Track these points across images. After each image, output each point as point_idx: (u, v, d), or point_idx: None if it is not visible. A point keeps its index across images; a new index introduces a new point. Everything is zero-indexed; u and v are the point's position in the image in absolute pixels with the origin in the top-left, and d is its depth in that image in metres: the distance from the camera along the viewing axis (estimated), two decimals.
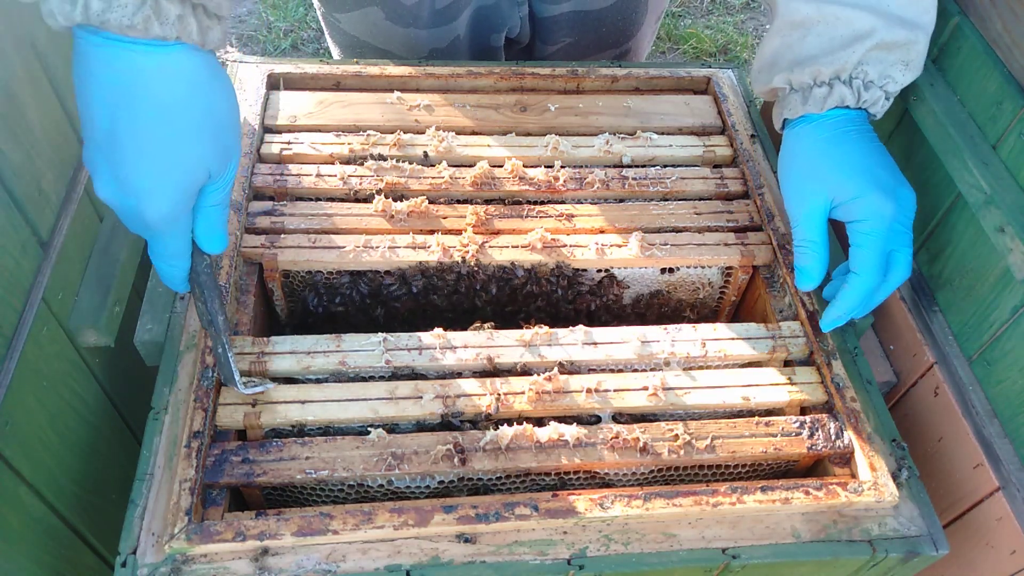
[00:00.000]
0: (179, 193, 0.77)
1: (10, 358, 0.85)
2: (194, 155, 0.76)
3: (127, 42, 0.71)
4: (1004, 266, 0.95)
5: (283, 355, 0.94)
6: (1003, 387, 0.98)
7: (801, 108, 1.01)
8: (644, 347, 0.97)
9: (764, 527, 0.87)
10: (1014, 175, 0.95)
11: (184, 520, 0.80)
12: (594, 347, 0.97)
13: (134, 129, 0.73)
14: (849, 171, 0.96)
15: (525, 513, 0.83)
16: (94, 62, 0.71)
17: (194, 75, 0.75)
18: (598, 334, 0.98)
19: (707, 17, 3.50)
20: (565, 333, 0.97)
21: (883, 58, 0.96)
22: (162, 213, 0.77)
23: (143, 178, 0.75)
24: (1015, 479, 0.95)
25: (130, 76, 0.72)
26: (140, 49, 0.72)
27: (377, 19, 1.35)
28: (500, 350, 0.96)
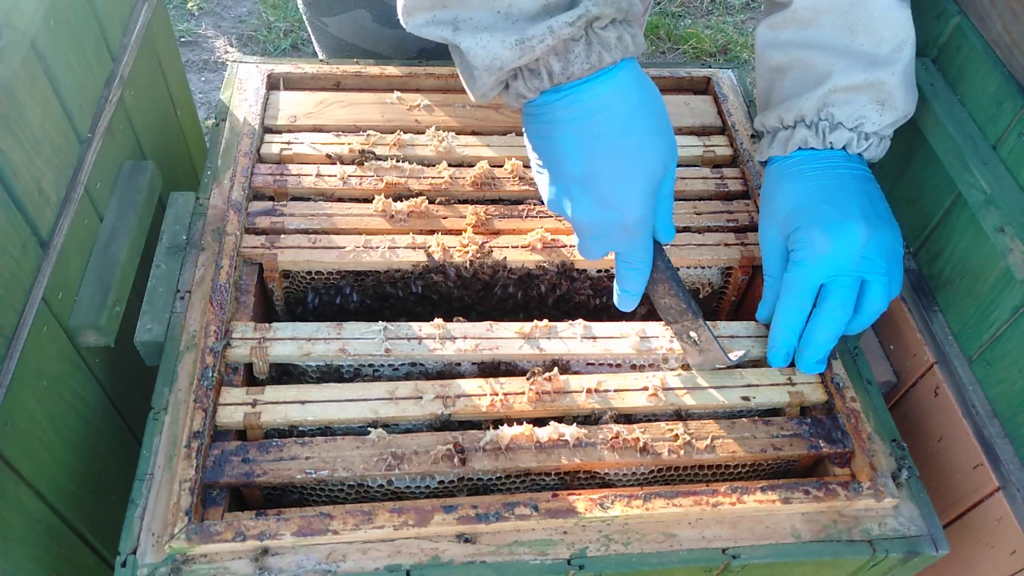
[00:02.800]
0: (650, 193, 0.85)
1: (10, 358, 0.85)
2: (656, 155, 0.85)
3: (582, 83, 0.81)
4: (1004, 266, 0.95)
5: (284, 341, 0.93)
6: (1003, 387, 0.98)
7: (767, 150, 1.04)
8: (643, 342, 0.97)
9: (764, 527, 0.87)
10: (1014, 175, 0.95)
11: (184, 520, 0.80)
12: (593, 341, 0.97)
13: (608, 153, 0.82)
14: (792, 205, 0.96)
15: (525, 513, 0.83)
16: (559, 112, 0.82)
17: (638, 83, 0.84)
18: (597, 328, 0.98)
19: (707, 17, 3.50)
20: (564, 327, 0.97)
21: (851, 99, 0.96)
22: (640, 215, 0.85)
23: (622, 190, 0.84)
24: (1015, 479, 0.95)
25: (592, 110, 0.81)
26: (596, 81, 0.81)
27: (365, 21, 1.35)
28: (499, 342, 0.96)
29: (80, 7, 1.03)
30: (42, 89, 0.93)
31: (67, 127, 0.99)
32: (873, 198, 0.97)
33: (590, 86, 0.81)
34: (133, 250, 1.07)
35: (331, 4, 1.35)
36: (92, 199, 1.04)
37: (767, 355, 0.97)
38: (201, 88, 3.00)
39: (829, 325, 0.92)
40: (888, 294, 0.93)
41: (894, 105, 0.98)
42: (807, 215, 0.94)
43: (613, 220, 0.85)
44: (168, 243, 1.07)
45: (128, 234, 1.06)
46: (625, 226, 0.85)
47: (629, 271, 0.91)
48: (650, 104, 0.85)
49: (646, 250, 0.89)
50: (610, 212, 0.84)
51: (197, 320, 0.98)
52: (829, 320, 0.92)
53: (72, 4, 1.01)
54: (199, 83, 3.02)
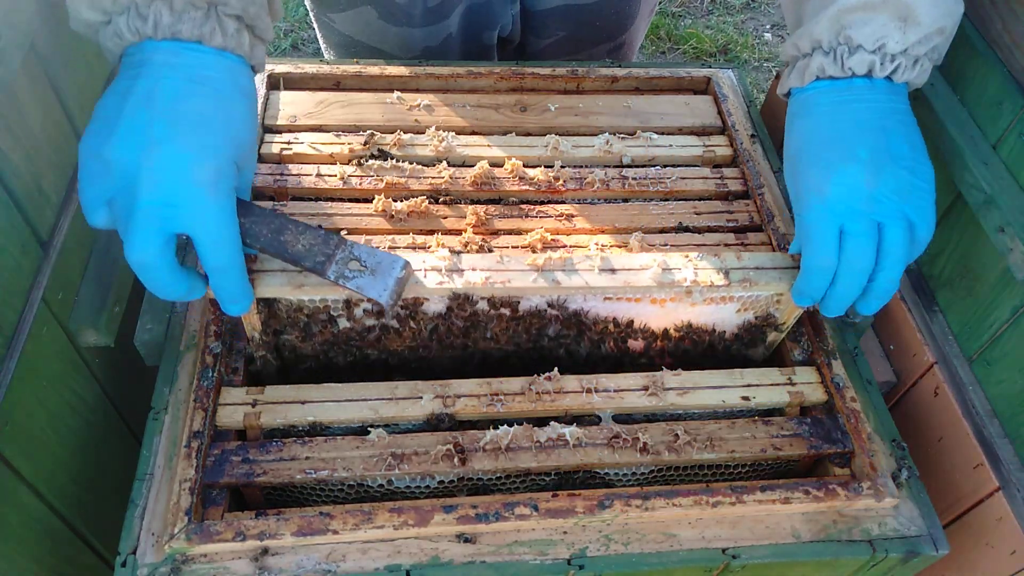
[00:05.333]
0: (224, 159, 0.78)
1: (10, 358, 0.85)
2: (237, 136, 0.80)
3: (188, 46, 0.78)
4: (1004, 266, 0.95)
5: (273, 272, 0.86)
6: (1003, 387, 0.98)
7: (787, 82, 0.95)
8: (665, 275, 0.91)
9: (764, 527, 0.87)
10: (1014, 175, 0.95)
11: (184, 520, 0.80)
12: (611, 274, 0.90)
13: (195, 104, 0.78)
14: (799, 144, 0.90)
15: (525, 513, 0.83)
16: (162, 54, 0.78)
17: (243, 81, 0.83)
18: (616, 260, 0.91)
19: (707, 17, 3.50)
20: (580, 259, 0.91)
21: (869, 19, 0.86)
22: (210, 173, 0.76)
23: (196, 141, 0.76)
24: (1015, 479, 0.95)
25: (197, 67, 0.78)
26: (207, 50, 0.79)
27: (370, 18, 1.36)
28: (511, 275, 0.89)
29: None
30: (42, 89, 0.93)
31: (67, 127, 0.99)
32: (892, 134, 0.86)
33: (196, 54, 0.78)
34: None
35: (337, 0, 1.36)
36: None
37: (792, 295, 0.92)
38: None
39: (848, 273, 0.85)
40: (910, 238, 0.85)
41: (917, 20, 0.86)
42: (809, 157, 0.88)
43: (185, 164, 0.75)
44: None
45: None
46: (193, 178, 0.74)
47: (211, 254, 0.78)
48: (248, 106, 0.82)
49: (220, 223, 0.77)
50: (184, 157, 0.75)
51: (197, 320, 0.98)
52: (847, 268, 0.85)
53: None
54: None
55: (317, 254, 0.82)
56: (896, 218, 0.84)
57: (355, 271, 0.82)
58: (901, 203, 0.84)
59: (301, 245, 0.82)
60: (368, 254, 0.83)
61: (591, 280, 0.90)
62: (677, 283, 0.91)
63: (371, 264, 0.82)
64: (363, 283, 0.82)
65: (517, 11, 1.41)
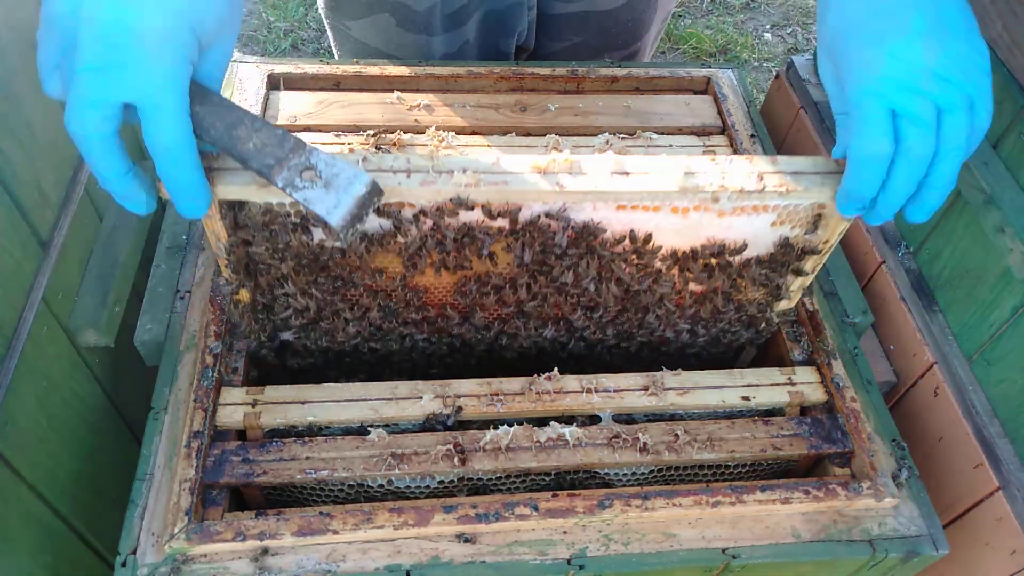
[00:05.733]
0: (178, 21, 0.66)
1: (10, 358, 0.85)
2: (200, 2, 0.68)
3: None
4: (1004, 266, 0.95)
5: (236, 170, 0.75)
6: (1003, 387, 0.98)
7: None
8: (688, 179, 0.79)
9: (764, 527, 0.87)
10: (1014, 175, 0.95)
11: (184, 520, 0.80)
12: (625, 177, 0.78)
13: None
14: (842, 23, 0.79)
15: (525, 513, 0.83)
16: None
17: None
18: (631, 162, 0.79)
19: (707, 17, 3.50)
20: (590, 159, 0.79)
21: None
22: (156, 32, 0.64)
23: None
24: (1015, 479, 0.95)
25: None
26: None
27: (388, 25, 1.35)
28: (507, 177, 0.78)
29: None
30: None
31: None
32: (945, 2, 0.77)
33: None
34: (133, 250, 1.07)
35: (354, 7, 1.35)
36: (92, 199, 1.04)
37: (836, 202, 0.79)
38: None
39: (905, 162, 0.73)
40: (970, 122, 0.74)
41: None
42: (856, 30, 0.77)
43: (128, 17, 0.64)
44: (168, 243, 1.07)
45: (128, 234, 1.06)
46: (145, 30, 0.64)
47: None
48: None
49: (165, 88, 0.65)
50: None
51: (197, 320, 0.98)
52: (905, 156, 0.73)
53: None
54: None
55: (268, 155, 0.70)
56: (958, 98, 0.73)
57: (308, 181, 0.70)
58: (963, 81, 0.73)
59: (253, 144, 0.70)
60: (327, 164, 0.70)
61: (601, 184, 0.78)
62: (702, 188, 0.78)
63: (327, 175, 0.70)
64: (312, 196, 0.70)
65: (533, 17, 1.41)
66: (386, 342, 0.99)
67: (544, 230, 0.82)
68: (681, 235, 0.86)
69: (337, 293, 0.90)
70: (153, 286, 1.01)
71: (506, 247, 0.84)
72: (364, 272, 0.87)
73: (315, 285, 0.88)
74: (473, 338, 0.99)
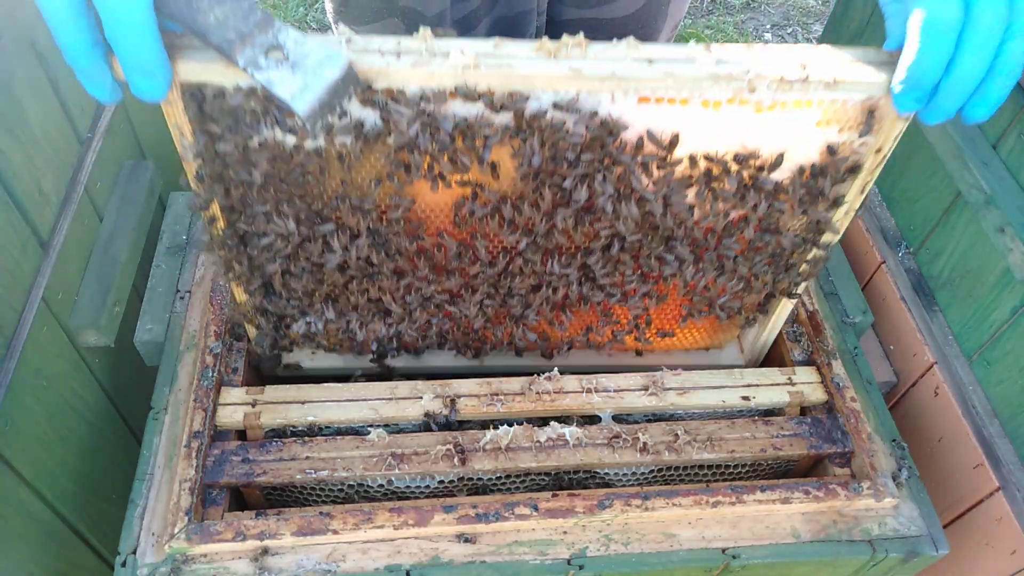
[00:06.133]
0: None
1: (10, 358, 0.85)
2: None
3: None
4: (1004, 266, 0.95)
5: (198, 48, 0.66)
6: (1003, 387, 0.98)
7: None
8: (720, 67, 0.68)
9: (764, 527, 0.87)
10: (1014, 175, 0.95)
11: (184, 520, 0.80)
12: (648, 64, 0.67)
13: None
14: None
15: (525, 513, 0.83)
16: None
17: None
18: (654, 49, 0.68)
19: (707, 17, 3.50)
20: (606, 46, 0.68)
21: None
22: None
23: None
24: (1015, 479, 0.95)
25: None
26: None
27: (398, 30, 1.35)
28: (512, 61, 0.67)
29: None
30: (42, 89, 0.93)
31: (67, 127, 0.99)
32: None
33: None
34: (133, 250, 1.07)
35: (363, 12, 1.35)
36: (92, 199, 1.04)
37: (892, 94, 0.68)
38: None
39: (972, 39, 0.63)
40: None
41: None
42: None
43: None
44: (168, 243, 1.07)
45: (128, 234, 1.06)
46: None
47: None
48: None
49: None
50: None
51: (197, 320, 0.98)
52: (973, 32, 0.63)
53: None
54: None
55: (229, 30, 0.61)
56: None
57: (274, 61, 0.62)
58: None
59: (214, 16, 0.61)
60: (296, 43, 0.62)
61: (622, 68, 0.67)
62: (737, 76, 0.68)
63: (295, 56, 0.61)
64: (276, 77, 0.61)
65: (543, 23, 1.41)
66: (377, 277, 0.86)
67: (555, 127, 0.70)
68: (711, 139, 0.73)
69: (318, 214, 0.79)
70: (153, 286, 1.01)
71: (512, 152, 0.73)
72: (350, 187, 0.76)
73: (292, 203, 0.77)
74: (476, 277, 0.87)
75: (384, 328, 0.95)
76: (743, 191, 0.78)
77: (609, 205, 0.77)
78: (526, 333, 0.97)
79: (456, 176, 0.76)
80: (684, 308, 0.96)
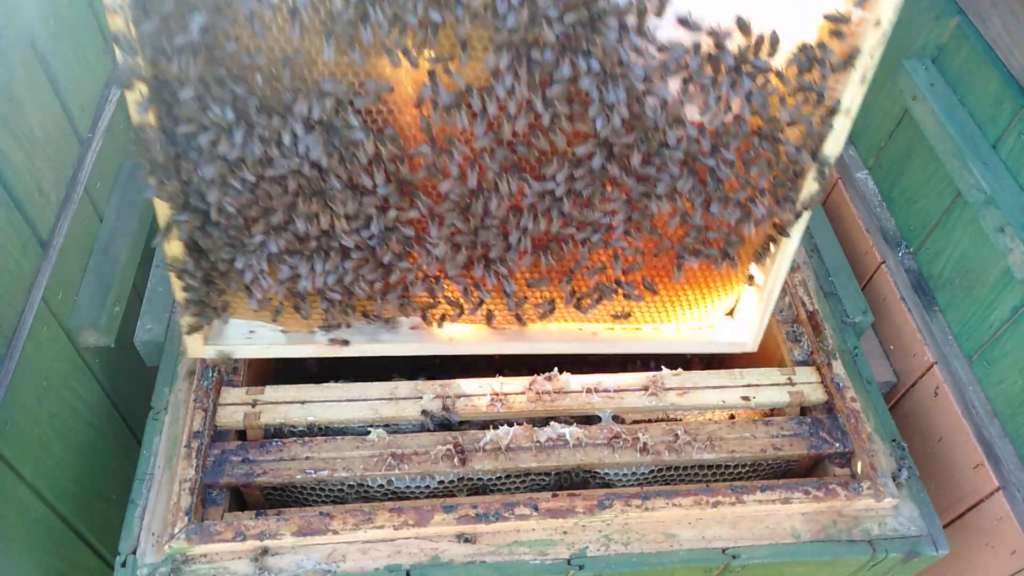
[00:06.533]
0: None
1: (10, 358, 0.85)
2: None
3: None
4: (1004, 266, 0.95)
5: None
6: (1003, 387, 0.98)
7: None
8: None
9: (764, 527, 0.87)
10: (1014, 175, 0.95)
11: (184, 520, 0.80)
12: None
13: None
14: None
15: (525, 513, 0.83)
16: None
17: None
18: None
19: None
20: None
21: None
22: None
23: None
24: (1015, 479, 0.95)
25: None
26: None
27: None
28: None
29: (80, 8, 1.04)
30: (42, 89, 0.93)
31: (67, 127, 0.99)
32: None
33: None
34: (133, 250, 1.07)
35: None
36: (92, 199, 1.04)
37: None
38: None
39: None
40: None
41: None
42: None
43: None
44: None
45: (128, 234, 1.06)
46: None
47: None
48: None
49: None
50: None
51: None
52: None
53: (72, 5, 1.01)
54: None
55: None
56: None
57: None
58: None
59: None
60: None
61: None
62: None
63: None
64: None
65: None
66: (328, 195, 0.74)
67: None
68: (706, 9, 0.69)
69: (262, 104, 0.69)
70: (153, 286, 1.01)
71: (483, 15, 0.65)
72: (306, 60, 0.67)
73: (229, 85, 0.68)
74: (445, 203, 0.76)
75: (334, 272, 0.79)
76: (736, 76, 0.72)
77: (595, 89, 0.69)
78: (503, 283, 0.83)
79: (426, 52, 0.66)
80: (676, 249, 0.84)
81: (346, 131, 0.71)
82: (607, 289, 0.87)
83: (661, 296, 0.90)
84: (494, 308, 0.87)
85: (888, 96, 1.14)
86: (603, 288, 0.87)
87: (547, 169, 0.75)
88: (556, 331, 0.92)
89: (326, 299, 0.82)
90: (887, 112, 1.08)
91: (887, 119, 1.14)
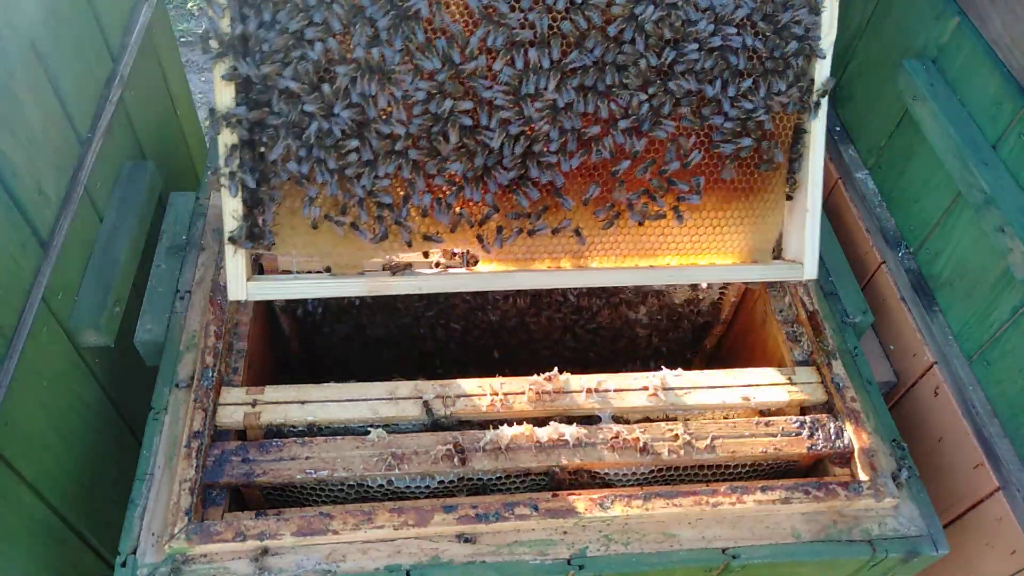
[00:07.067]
0: None
1: (10, 358, 0.85)
2: None
3: None
4: (1004, 266, 0.95)
5: None
6: (1003, 387, 0.98)
7: None
8: None
9: (764, 527, 0.87)
10: (1014, 175, 0.95)
11: (184, 520, 0.80)
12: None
13: None
14: None
15: (525, 513, 0.83)
16: None
17: None
18: None
19: None
20: None
21: None
22: None
23: None
24: (1015, 479, 0.95)
25: None
26: None
27: None
28: None
29: (80, 8, 1.03)
30: (42, 89, 0.93)
31: (67, 127, 0.99)
32: None
33: None
34: (133, 250, 1.07)
35: None
36: (92, 199, 1.04)
37: None
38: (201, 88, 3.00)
39: None
40: None
41: None
42: None
43: None
44: (168, 243, 1.07)
45: (128, 234, 1.06)
46: None
47: None
48: None
49: None
50: None
51: (197, 320, 0.98)
52: None
53: (72, 5, 1.01)
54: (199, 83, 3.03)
55: None
56: None
57: None
58: None
59: None
60: None
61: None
62: None
63: None
64: None
65: None
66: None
67: None
68: None
69: None
70: (153, 286, 1.01)
71: None
72: None
73: None
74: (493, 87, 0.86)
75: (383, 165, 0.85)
76: None
77: None
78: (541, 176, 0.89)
79: None
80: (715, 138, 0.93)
81: None
82: (659, 187, 0.94)
83: (709, 215, 0.97)
84: (552, 221, 0.93)
85: (888, 96, 1.15)
86: (655, 187, 0.94)
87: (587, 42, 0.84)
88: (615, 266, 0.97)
89: (379, 203, 0.87)
90: (887, 112, 1.08)
91: (887, 119, 1.14)
